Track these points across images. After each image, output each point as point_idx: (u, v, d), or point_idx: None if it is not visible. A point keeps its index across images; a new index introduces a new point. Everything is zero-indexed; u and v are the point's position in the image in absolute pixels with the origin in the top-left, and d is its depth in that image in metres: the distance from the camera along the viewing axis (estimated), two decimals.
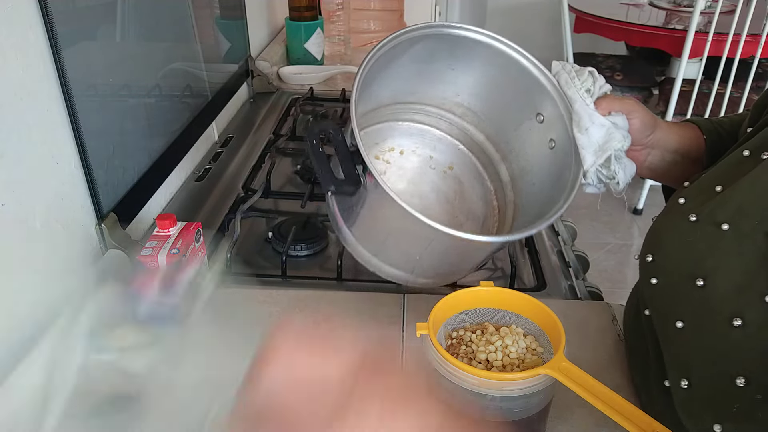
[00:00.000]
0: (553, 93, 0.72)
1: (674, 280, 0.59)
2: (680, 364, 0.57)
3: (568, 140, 0.71)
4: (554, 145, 0.75)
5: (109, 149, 0.87)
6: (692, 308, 0.56)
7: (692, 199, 0.61)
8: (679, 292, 0.58)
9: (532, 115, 0.77)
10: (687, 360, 0.56)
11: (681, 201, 0.62)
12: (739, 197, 0.56)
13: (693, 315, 0.56)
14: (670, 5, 3.07)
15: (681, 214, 0.60)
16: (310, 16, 1.69)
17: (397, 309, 0.83)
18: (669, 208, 0.64)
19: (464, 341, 0.62)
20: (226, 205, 1.08)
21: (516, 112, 0.79)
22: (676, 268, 0.59)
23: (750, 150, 0.60)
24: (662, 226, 0.64)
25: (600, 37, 2.89)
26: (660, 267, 0.61)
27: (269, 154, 1.26)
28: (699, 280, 0.55)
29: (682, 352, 0.57)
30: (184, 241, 0.77)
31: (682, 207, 0.61)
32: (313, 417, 0.38)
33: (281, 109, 1.52)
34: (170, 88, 1.10)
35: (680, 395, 0.57)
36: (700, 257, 0.56)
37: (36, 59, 0.72)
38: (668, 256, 0.60)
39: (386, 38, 0.68)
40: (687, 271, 0.57)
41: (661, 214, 0.66)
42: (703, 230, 0.57)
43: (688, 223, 0.59)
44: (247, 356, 0.42)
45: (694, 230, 0.58)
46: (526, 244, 1.00)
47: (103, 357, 0.68)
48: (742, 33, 2.39)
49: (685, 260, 0.58)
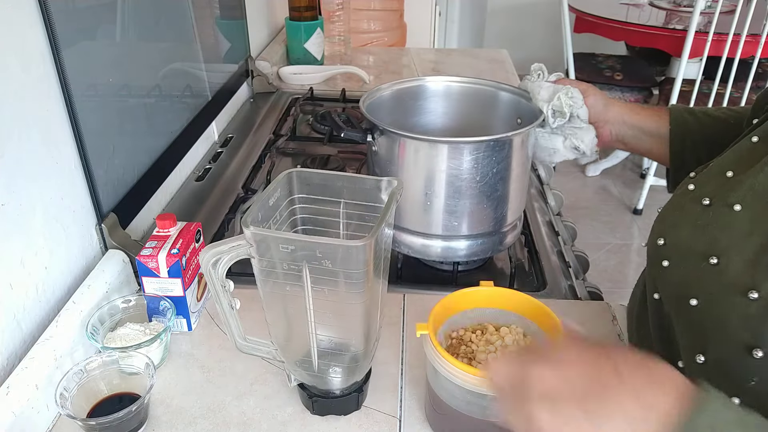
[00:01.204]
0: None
1: (687, 260, 0.59)
2: (695, 341, 0.57)
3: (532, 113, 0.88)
4: (521, 121, 0.92)
5: (109, 149, 0.87)
6: (706, 285, 0.57)
7: (703, 185, 0.63)
8: (691, 272, 0.58)
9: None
10: (702, 335, 0.57)
11: (691, 187, 0.63)
12: (751, 179, 0.57)
13: (707, 291, 0.57)
14: (670, 5, 3.07)
15: (692, 199, 0.62)
16: (310, 16, 1.69)
17: (397, 309, 0.83)
18: (679, 195, 0.65)
19: (464, 341, 0.62)
20: (226, 205, 1.08)
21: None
22: (688, 249, 0.59)
23: (759, 136, 0.61)
24: (673, 211, 0.65)
25: (600, 37, 2.89)
26: (672, 249, 0.62)
27: (269, 154, 1.26)
28: (712, 258, 0.56)
29: (696, 329, 0.57)
30: (184, 241, 0.77)
31: (693, 193, 0.63)
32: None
33: (281, 109, 1.52)
34: (170, 88, 1.10)
35: (695, 371, 0.57)
36: (713, 238, 0.57)
37: (36, 59, 0.72)
38: (680, 239, 0.61)
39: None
40: (700, 251, 0.58)
41: (668, 203, 0.67)
42: (716, 212, 0.59)
43: (700, 207, 0.60)
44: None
45: (706, 213, 0.59)
46: (526, 244, 1.00)
47: (103, 357, 0.68)
48: (742, 33, 2.39)
49: (698, 241, 0.59)
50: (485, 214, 0.86)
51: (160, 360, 0.74)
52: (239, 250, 0.58)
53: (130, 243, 0.86)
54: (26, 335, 0.71)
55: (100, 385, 0.67)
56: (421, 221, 0.87)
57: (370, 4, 2.18)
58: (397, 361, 0.75)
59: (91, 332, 0.71)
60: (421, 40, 2.56)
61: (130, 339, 0.72)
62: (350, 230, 0.64)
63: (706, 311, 0.57)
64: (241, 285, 0.78)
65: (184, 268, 0.76)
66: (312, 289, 0.58)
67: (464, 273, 0.94)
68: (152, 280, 0.76)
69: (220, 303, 0.62)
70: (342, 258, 0.55)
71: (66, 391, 0.64)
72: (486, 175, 0.82)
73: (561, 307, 0.73)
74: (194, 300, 0.80)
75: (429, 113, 1.00)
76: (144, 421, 0.66)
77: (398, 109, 0.96)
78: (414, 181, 0.84)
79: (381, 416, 0.68)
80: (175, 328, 0.79)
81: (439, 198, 0.84)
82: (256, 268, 0.58)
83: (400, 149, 0.84)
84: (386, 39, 2.25)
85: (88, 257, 0.83)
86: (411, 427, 0.67)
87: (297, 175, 0.64)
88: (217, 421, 0.67)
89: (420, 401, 0.69)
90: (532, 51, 4.16)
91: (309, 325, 0.60)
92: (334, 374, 0.65)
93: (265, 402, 0.70)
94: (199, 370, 0.74)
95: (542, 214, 1.09)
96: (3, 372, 0.67)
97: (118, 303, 0.76)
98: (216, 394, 0.71)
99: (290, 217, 0.65)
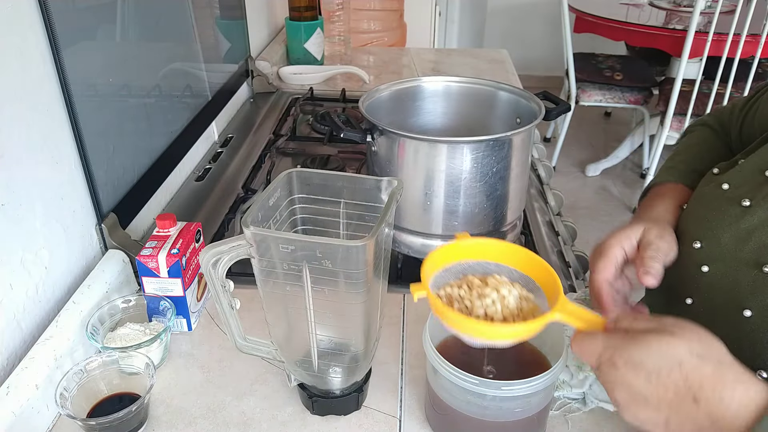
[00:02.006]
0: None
1: (734, 267, 0.58)
2: (752, 355, 0.56)
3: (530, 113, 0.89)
4: (520, 120, 0.93)
5: (109, 149, 0.87)
6: (761, 296, 0.55)
7: (738, 185, 0.60)
8: (742, 281, 0.57)
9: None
10: (763, 350, 0.55)
11: (725, 187, 0.61)
12: None
13: (764, 303, 0.55)
14: (670, 5, 3.07)
15: (729, 200, 0.59)
16: (310, 16, 1.69)
17: (397, 309, 0.83)
18: (710, 195, 0.63)
19: (455, 298, 0.58)
20: (226, 205, 1.08)
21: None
22: (733, 255, 0.58)
23: None
24: (707, 211, 0.62)
25: (600, 37, 2.89)
26: (712, 254, 0.60)
27: (269, 154, 1.26)
28: (766, 266, 0.55)
29: (755, 343, 0.56)
30: (184, 241, 0.77)
31: (728, 192, 0.60)
32: None
33: (281, 109, 1.52)
34: (170, 88, 1.10)
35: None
36: (762, 244, 0.56)
37: (36, 59, 0.72)
38: (722, 244, 0.59)
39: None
40: (750, 259, 0.56)
41: (696, 200, 0.65)
42: (761, 216, 0.57)
43: (740, 209, 0.58)
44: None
45: (748, 215, 0.57)
46: (526, 243, 1.00)
47: (103, 357, 0.68)
48: (742, 33, 2.39)
49: (745, 248, 0.57)
50: (485, 214, 0.86)
51: (160, 360, 0.74)
52: (239, 250, 0.58)
53: (130, 243, 0.86)
54: (26, 335, 0.71)
55: (100, 385, 0.67)
56: (420, 221, 0.87)
57: (370, 4, 2.18)
58: (397, 361, 0.75)
59: (91, 332, 0.71)
60: (421, 40, 2.56)
61: (130, 339, 0.72)
62: (350, 230, 0.64)
63: (762, 324, 0.55)
64: (241, 285, 0.79)
65: (184, 268, 0.76)
66: (312, 289, 0.58)
67: None
68: (152, 280, 0.76)
69: (220, 303, 0.62)
70: (342, 258, 0.55)
71: (66, 391, 0.64)
72: (485, 174, 0.82)
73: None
74: (194, 300, 0.80)
75: (428, 113, 1.00)
76: (144, 421, 0.66)
77: (398, 109, 0.96)
78: (414, 181, 0.84)
79: (381, 416, 0.68)
80: (175, 328, 0.79)
81: (439, 198, 0.84)
82: (256, 268, 0.58)
83: (400, 149, 0.84)
84: (386, 39, 2.25)
85: (88, 257, 0.83)
86: (411, 427, 0.67)
87: (297, 175, 0.64)
88: (217, 421, 0.67)
89: (420, 401, 0.69)
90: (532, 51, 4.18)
91: (309, 325, 0.60)
92: (334, 374, 0.65)
93: (265, 402, 0.70)
94: (199, 370, 0.74)
95: (542, 214, 1.09)
96: (3, 372, 0.67)
97: (118, 303, 0.76)
98: (216, 394, 0.71)
99: (290, 217, 0.65)
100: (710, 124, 0.80)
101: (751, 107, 0.73)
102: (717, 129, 0.79)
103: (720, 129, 0.79)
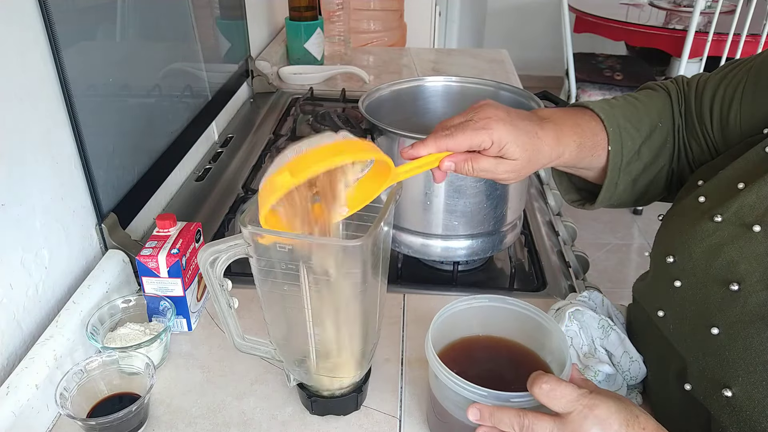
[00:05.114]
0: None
1: (704, 283, 0.57)
2: (721, 373, 0.55)
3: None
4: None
5: (109, 149, 0.87)
6: (728, 314, 0.54)
7: (712, 197, 0.60)
8: (711, 297, 0.56)
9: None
10: (729, 368, 0.54)
11: (701, 200, 0.60)
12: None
13: (730, 321, 0.54)
14: (670, 5, 3.07)
15: (702, 213, 0.59)
16: (310, 16, 1.69)
17: (397, 309, 0.83)
18: (687, 207, 0.62)
19: (303, 201, 0.57)
20: (226, 205, 1.08)
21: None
22: (704, 271, 0.57)
23: None
24: (682, 225, 0.61)
25: (600, 37, 2.89)
26: (684, 269, 0.59)
27: (269, 154, 1.26)
28: (733, 284, 0.54)
29: (721, 360, 0.55)
30: (184, 241, 0.77)
31: (703, 206, 0.60)
32: None
33: (281, 109, 1.52)
34: (170, 88, 1.10)
35: (722, 404, 0.55)
36: (731, 261, 0.55)
37: (36, 59, 0.72)
38: (694, 259, 0.58)
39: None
40: (719, 275, 0.55)
41: (675, 213, 0.64)
42: (731, 232, 0.56)
43: (712, 224, 0.57)
44: None
45: (719, 231, 0.56)
46: (525, 243, 1.00)
47: (103, 357, 0.68)
48: (742, 33, 2.39)
49: (714, 264, 0.56)
50: (485, 214, 0.86)
51: (160, 360, 0.74)
52: (237, 249, 0.58)
53: (130, 243, 0.86)
54: (26, 335, 0.71)
55: (100, 385, 0.67)
56: (420, 221, 0.87)
57: (370, 4, 2.18)
58: (397, 361, 0.75)
59: (91, 332, 0.71)
60: (421, 40, 2.56)
61: (130, 339, 0.72)
62: (350, 230, 0.64)
63: (728, 342, 0.54)
64: (240, 285, 0.78)
65: (184, 268, 0.76)
66: (310, 289, 0.58)
67: (464, 273, 0.94)
68: (152, 280, 0.76)
69: (218, 302, 0.62)
70: (339, 258, 0.55)
71: (66, 391, 0.64)
72: None
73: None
74: (194, 300, 0.80)
75: (428, 113, 1.00)
76: (144, 421, 0.66)
77: (398, 109, 0.96)
78: (413, 181, 0.84)
79: (381, 416, 0.68)
80: (175, 328, 0.79)
81: (439, 197, 0.84)
82: (255, 267, 0.58)
83: (400, 149, 0.83)
84: (386, 39, 2.25)
85: (88, 257, 0.83)
86: (411, 427, 0.67)
87: None
88: (217, 421, 0.67)
89: (420, 401, 0.69)
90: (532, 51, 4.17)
91: (307, 324, 0.60)
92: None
93: (265, 402, 0.70)
94: (199, 370, 0.74)
95: (542, 214, 1.09)
96: (3, 372, 0.67)
97: (118, 303, 0.76)
98: (216, 394, 0.71)
99: None
100: (669, 90, 0.75)
101: (725, 95, 0.67)
102: (674, 98, 0.74)
103: (677, 98, 0.74)
